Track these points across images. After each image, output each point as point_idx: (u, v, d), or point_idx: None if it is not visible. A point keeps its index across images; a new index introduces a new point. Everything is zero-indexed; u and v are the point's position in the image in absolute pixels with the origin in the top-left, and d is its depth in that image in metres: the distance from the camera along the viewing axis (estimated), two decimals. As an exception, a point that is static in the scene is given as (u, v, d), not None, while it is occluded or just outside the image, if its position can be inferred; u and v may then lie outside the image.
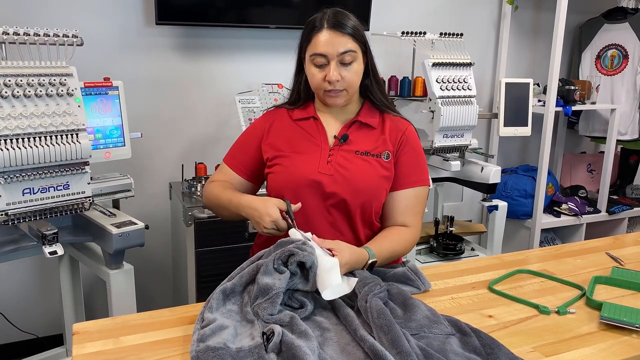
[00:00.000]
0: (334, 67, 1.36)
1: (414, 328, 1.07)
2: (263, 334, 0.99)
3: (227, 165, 1.55)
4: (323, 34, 1.36)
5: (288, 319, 1.05)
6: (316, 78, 1.39)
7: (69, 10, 2.28)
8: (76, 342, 1.05)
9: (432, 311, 1.13)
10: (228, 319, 1.06)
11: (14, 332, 2.38)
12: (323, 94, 1.41)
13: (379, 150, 1.44)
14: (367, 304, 1.09)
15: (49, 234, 1.61)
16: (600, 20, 3.26)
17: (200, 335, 1.00)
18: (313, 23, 1.39)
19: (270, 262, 1.12)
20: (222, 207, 1.47)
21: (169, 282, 2.70)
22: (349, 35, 1.36)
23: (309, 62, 1.40)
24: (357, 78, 1.41)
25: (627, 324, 1.14)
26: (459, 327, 1.08)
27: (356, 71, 1.40)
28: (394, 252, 1.39)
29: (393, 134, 1.46)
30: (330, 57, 1.36)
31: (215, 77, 2.58)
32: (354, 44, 1.37)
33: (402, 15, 2.87)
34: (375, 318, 1.04)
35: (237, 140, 1.58)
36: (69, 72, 1.58)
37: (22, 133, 1.48)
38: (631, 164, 3.48)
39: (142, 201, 2.47)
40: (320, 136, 1.46)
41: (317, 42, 1.36)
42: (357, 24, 1.40)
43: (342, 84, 1.38)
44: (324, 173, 1.39)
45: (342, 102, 1.43)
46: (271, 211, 1.29)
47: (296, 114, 1.51)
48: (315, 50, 1.37)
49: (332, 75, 1.36)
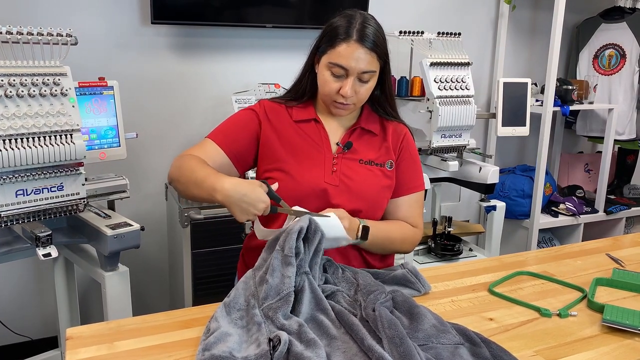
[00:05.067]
0: (351, 84, 1.31)
1: (421, 338, 1.03)
2: (269, 340, 0.97)
3: (213, 142, 1.40)
4: (350, 45, 1.29)
5: (296, 327, 1.01)
6: (330, 87, 1.34)
7: (63, 9, 2.25)
8: (69, 347, 1.03)
9: (439, 319, 1.09)
10: (233, 327, 1.04)
11: (8, 334, 2.35)
12: (331, 103, 1.38)
13: (382, 160, 1.42)
14: (377, 313, 1.05)
15: (42, 236, 1.59)
16: (597, 20, 3.25)
17: (205, 344, 0.97)
18: (339, 29, 1.31)
19: (277, 256, 1.11)
20: (193, 183, 1.28)
21: (165, 283, 2.68)
22: (374, 53, 1.31)
23: (325, 67, 1.34)
24: (368, 94, 1.38)
25: (629, 327, 1.13)
26: (468, 336, 1.05)
27: (369, 88, 1.36)
28: (389, 235, 1.37)
29: (394, 140, 1.45)
30: (350, 73, 1.31)
31: (211, 76, 2.56)
32: (376, 64, 1.33)
33: (399, 14, 2.86)
34: (387, 329, 1.01)
35: (230, 120, 1.46)
36: (63, 71, 1.56)
37: (15, 134, 1.45)
38: (628, 164, 3.48)
39: (137, 202, 2.45)
40: (323, 142, 1.41)
41: (340, 53, 1.30)
42: (382, 38, 1.34)
43: (354, 99, 1.35)
44: (329, 183, 1.36)
45: (346, 114, 1.42)
46: (263, 196, 1.20)
47: (296, 113, 1.44)
48: (337, 60, 1.30)
49: (348, 92, 1.31)
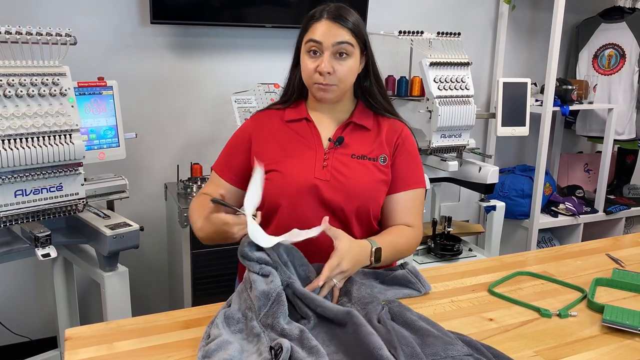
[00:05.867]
0: (327, 58, 1.32)
1: (428, 354, 0.98)
2: (271, 348, 0.94)
3: (216, 174, 1.47)
4: (322, 23, 1.34)
5: (297, 333, 0.99)
6: (308, 67, 1.35)
7: (62, 9, 2.25)
8: (69, 347, 1.03)
9: (439, 329, 1.05)
10: (234, 337, 1.02)
11: (7, 335, 2.35)
12: (313, 87, 1.37)
13: (375, 154, 1.40)
14: (389, 327, 1.02)
15: (41, 236, 1.59)
16: (597, 20, 3.25)
17: (205, 351, 0.96)
18: (313, 14, 1.37)
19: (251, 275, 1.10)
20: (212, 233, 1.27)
21: (164, 284, 2.68)
22: (348, 30, 1.33)
23: (304, 51, 1.37)
24: (350, 75, 1.37)
25: (629, 327, 1.12)
26: (475, 346, 1.01)
27: (350, 67, 1.35)
28: (396, 247, 1.34)
29: (389, 136, 1.43)
30: (325, 46, 1.32)
31: (210, 76, 2.56)
32: (351, 38, 1.34)
33: (399, 14, 2.86)
34: (403, 345, 0.97)
35: (226, 146, 1.51)
36: (62, 71, 1.56)
37: (14, 134, 1.45)
38: (628, 164, 3.48)
39: (137, 202, 2.45)
40: (313, 139, 1.41)
41: (314, 30, 1.34)
42: (358, 21, 1.37)
43: (334, 78, 1.34)
44: (320, 178, 1.35)
45: (332, 98, 1.38)
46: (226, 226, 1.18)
47: (287, 114, 1.45)
48: (311, 36, 1.34)
49: (324, 67, 1.31)
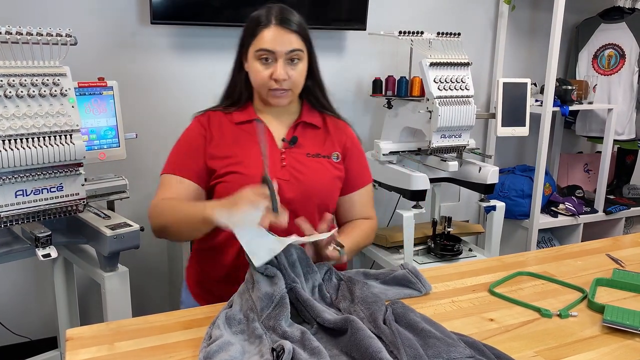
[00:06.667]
0: (282, 65, 1.33)
1: (431, 356, 0.98)
2: (272, 350, 0.94)
3: (174, 175, 1.37)
4: (271, 29, 1.33)
5: (299, 334, 0.99)
6: (262, 75, 1.35)
7: (63, 9, 2.25)
8: (69, 348, 1.03)
9: (442, 330, 1.05)
10: (235, 338, 1.02)
11: (7, 335, 2.35)
12: (267, 93, 1.37)
13: (328, 152, 1.45)
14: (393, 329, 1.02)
15: (42, 237, 1.59)
16: (597, 20, 3.25)
17: (207, 352, 0.95)
18: (258, 18, 1.36)
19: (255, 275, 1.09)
20: (182, 222, 1.28)
21: (164, 284, 2.67)
22: (296, 33, 1.34)
23: (253, 58, 1.36)
24: (302, 78, 1.39)
25: (630, 328, 1.13)
26: (477, 348, 1.01)
27: (301, 71, 1.38)
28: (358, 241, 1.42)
29: (337, 136, 1.48)
30: (278, 55, 1.33)
31: (210, 76, 2.55)
32: (300, 43, 1.36)
33: (399, 14, 2.85)
34: (407, 347, 0.97)
35: (177, 149, 1.43)
36: (62, 72, 1.56)
37: (14, 134, 1.45)
38: (627, 164, 3.48)
39: (137, 203, 2.44)
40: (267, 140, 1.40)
41: (264, 38, 1.33)
42: (302, 22, 1.38)
43: (289, 83, 1.36)
44: (280, 178, 1.34)
45: (286, 102, 1.41)
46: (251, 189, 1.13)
47: (236, 116, 1.43)
48: (262, 45, 1.33)
49: (280, 74, 1.33)
